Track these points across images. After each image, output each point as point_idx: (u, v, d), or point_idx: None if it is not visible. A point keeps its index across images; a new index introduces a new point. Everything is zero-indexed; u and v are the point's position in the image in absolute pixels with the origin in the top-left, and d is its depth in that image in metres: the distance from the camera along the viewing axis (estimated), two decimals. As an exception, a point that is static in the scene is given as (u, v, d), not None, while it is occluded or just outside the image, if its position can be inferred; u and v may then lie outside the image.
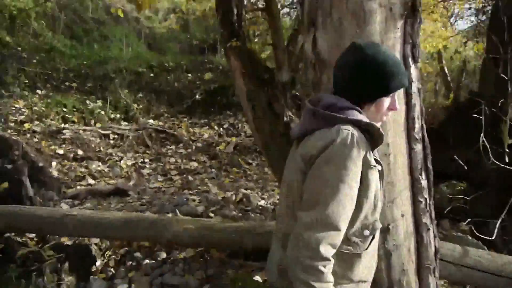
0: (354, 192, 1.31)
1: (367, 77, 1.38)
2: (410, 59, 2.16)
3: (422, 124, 2.27)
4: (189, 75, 9.72)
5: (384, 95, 1.42)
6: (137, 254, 3.79)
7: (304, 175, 1.37)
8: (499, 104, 4.50)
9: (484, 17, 6.23)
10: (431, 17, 8.07)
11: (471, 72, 6.70)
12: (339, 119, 1.35)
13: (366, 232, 1.41)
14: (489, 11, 5.43)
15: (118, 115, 8.55)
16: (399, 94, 2.15)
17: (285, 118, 4.01)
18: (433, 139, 6.93)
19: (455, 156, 4.45)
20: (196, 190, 5.72)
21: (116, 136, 7.73)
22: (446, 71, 8.11)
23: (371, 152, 1.37)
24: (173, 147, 7.91)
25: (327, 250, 1.27)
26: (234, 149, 7.99)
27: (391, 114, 2.14)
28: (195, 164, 7.30)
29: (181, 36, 13.66)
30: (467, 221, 4.01)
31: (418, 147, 2.24)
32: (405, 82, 1.44)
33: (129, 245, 3.97)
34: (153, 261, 3.64)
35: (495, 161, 3.45)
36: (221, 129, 8.72)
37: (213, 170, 7.05)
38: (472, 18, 7.94)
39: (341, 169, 1.28)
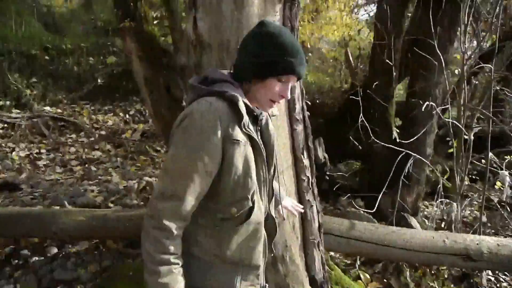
0: (207, 165, 1.23)
1: (258, 49, 1.31)
2: (288, 42, 2.21)
3: (302, 105, 2.36)
4: (91, 58, 9.10)
5: (272, 74, 1.32)
6: (25, 252, 3.49)
7: None
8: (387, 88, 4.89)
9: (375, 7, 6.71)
10: (336, 6, 8.47)
11: (366, 58, 7.18)
12: (205, 90, 1.31)
13: (234, 210, 1.33)
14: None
15: (8, 102, 7.73)
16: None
17: (184, 103, 3.94)
18: (334, 122, 7.33)
19: (350, 137, 4.77)
20: (97, 180, 5.42)
21: (6, 126, 6.99)
22: (351, 58, 8.61)
23: (237, 126, 1.28)
24: (73, 135, 7.38)
25: (171, 222, 1.23)
26: (141, 136, 7.69)
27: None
28: (98, 153, 6.89)
29: (85, 16, 12.69)
30: (346, 196, 4.30)
31: (299, 127, 2.33)
32: (298, 71, 1.33)
33: (17, 242, 3.64)
34: (42, 258, 3.38)
35: (377, 140, 3.72)
36: (127, 115, 8.32)
37: (118, 159, 6.72)
38: (368, 8, 8.49)
39: (193, 141, 1.22)
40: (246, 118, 1.30)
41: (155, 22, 4.92)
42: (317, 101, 7.06)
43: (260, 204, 1.40)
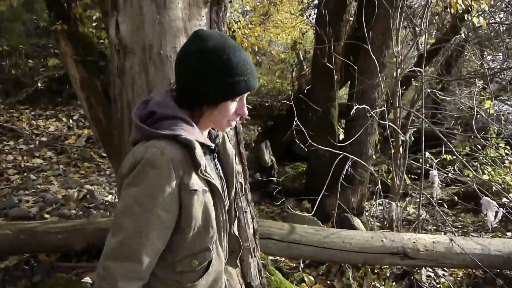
0: (163, 219, 1.10)
1: (202, 74, 1.13)
2: (216, 47, 2.17)
3: (233, 111, 2.32)
4: (30, 60, 8.61)
5: (226, 99, 1.17)
6: None
7: None
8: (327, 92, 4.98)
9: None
10: (287, 8, 8.56)
11: (310, 61, 7.32)
12: (154, 133, 1.12)
13: (195, 263, 1.21)
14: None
15: None
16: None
17: (122, 108, 3.81)
18: (282, 124, 7.38)
19: (296, 140, 4.81)
20: (34, 190, 5.12)
21: None
22: (302, 60, 8.74)
23: (193, 172, 1.14)
24: (11, 142, 6.95)
25: (127, 285, 1.09)
26: (86, 142, 7.37)
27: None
28: (38, 161, 6.52)
29: (26, 16, 12.03)
30: (281, 200, 4.32)
31: (230, 133, 2.29)
32: (252, 85, 1.18)
33: None
34: (-34, 277, 3.13)
35: (313, 143, 3.77)
36: (71, 120, 7.93)
37: (61, 166, 6.40)
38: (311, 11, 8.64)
39: (144, 194, 1.08)
40: (203, 163, 1.15)
41: (93, 24, 4.72)
42: (266, 104, 7.09)
43: (220, 251, 1.29)
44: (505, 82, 7.21)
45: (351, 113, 3.65)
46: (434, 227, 4.89)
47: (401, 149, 3.84)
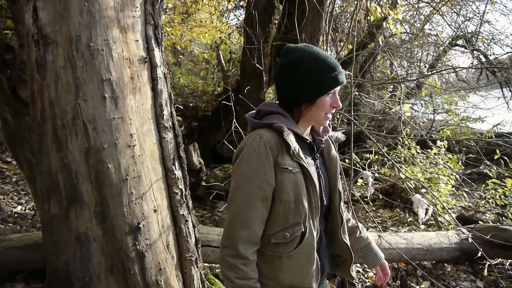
0: (265, 193, 1.33)
1: (298, 80, 1.38)
2: (153, 41, 1.99)
3: (171, 111, 2.15)
4: None
5: (320, 95, 1.38)
6: None
7: None
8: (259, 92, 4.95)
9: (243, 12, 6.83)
10: (206, 9, 8.40)
11: (237, 62, 7.27)
12: (256, 124, 1.41)
13: (287, 235, 1.37)
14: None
15: None
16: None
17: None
18: (208, 125, 7.20)
19: (224, 141, 4.69)
20: None
21: None
22: (223, 61, 8.64)
23: (286, 154, 1.34)
24: None
25: (245, 249, 1.33)
26: (-15, 147, 6.50)
27: (138, 102, 1.95)
28: None
29: None
30: (223, 202, 4.22)
31: (169, 135, 2.11)
32: (341, 79, 1.38)
33: None
34: None
35: (229, 146, 3.69)
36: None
37: (-47, 175, 5.56)
38: (237, 12, 8.63)
39: (249, 171, 1.33)
40: (295, 146, 1.35)
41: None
42: (190, 105, 6.88)
43: (312, 229, 1.41)
44: (413, 86, 7.87)
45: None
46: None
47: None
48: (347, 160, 4.52)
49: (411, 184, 4.86)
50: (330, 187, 1.52)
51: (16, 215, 4.26)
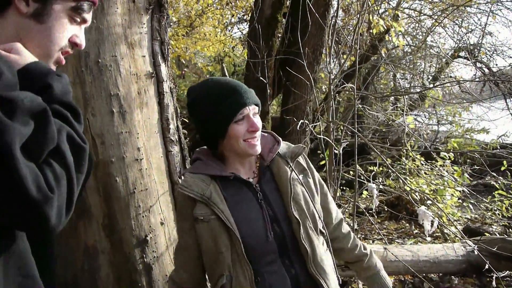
0: (186, 242, 1.38)
1: (200, 119, 1.35)
2: (159, 57, 2.04)
3: (177, 125, 2.18)
4: None
5: (226, 124, 1.30)
6: None
7: None
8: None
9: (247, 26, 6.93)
10: (210, 22, 8.53)
11: (241, 74, 7.36)
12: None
13: (220, 283, 1.32)
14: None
15: None
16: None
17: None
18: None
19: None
20: None
21: None
22: (226, 73, 8.74)
23: (202, 203, 1.32)
24: None
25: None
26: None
27: (145, 116, 1.98)
28: None
29: None
30: None
31: (175, 149, 2.14)
32: (241, 102, 1.29)
33: None
34: None
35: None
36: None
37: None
38: (241, 26, 8.77)
39: (177, 222, 1.53)
40: (205, 191, 1.32)
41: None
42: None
43: (241, 279, 1.30)
44: (416, 97, 7.91)
45: (290, 127, 3.67)
46: (363, 235, 5.10)
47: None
48: (351, 172, 4.53)
49: (417, 196, 4.85)
50: (288, 215, 1.35)
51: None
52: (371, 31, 4.83)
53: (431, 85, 7.62)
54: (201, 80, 10.19)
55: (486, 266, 3.22)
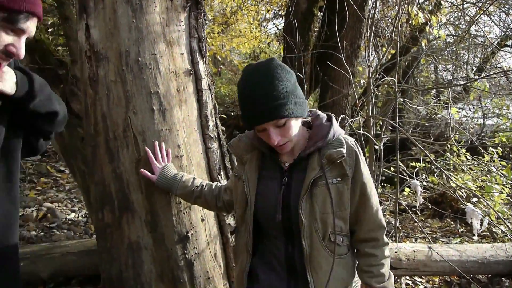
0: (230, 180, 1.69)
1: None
2: (197, 54, 2.03)
3: (216, 122, 2.18)
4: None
5: (249, 128, 1.45)
6: None
7: None
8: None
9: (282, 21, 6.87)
10: (245, 19, 8.55)
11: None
12: None
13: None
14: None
15: None
16: (190, 94, 2.01)
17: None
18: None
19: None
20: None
21: None
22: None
23: (240, 162, 1.53)
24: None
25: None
26: (42, 155, 6.87)
27: (185, 113, 1.99)
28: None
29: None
30: None
31: (214, 145, 2.14)
32: (253, 120, 1.31)
33: None
34: None
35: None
36: (22, 135, 7.41)
37: (12, 184, 5.90)
38: (276, 21, 8.70)
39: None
40: (245, 156, 1.50)
41: (49, 30, 4.40)
42: (232, 113, 6.97)
43: (244, 234, 1.52)
44: (459, 90, 7.56)
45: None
46: (405, 233, 4.94)
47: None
48: (392, 168, 4.39)
49: (462, 193, 4.64)
50: (297, 208, 1.38)
51: (70, 222, 4.46)
52: (410, 22, 4.65)
53: (476, 77, 7.26)
54: (237, 76, 10.25)
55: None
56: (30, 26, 1.04)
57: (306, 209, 1.36)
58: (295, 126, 1.34)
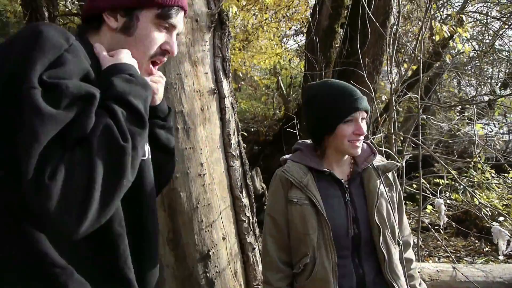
0: (278, 221, 1.48)
1: (315, 112, 1.48)
2: (221, 73, 2.07)
3: (238, 140, 2.20)
4: None
5: (337, 123, 1.43)
6: None
7: None
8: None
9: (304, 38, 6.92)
10: (265, 35, 8.63)
11: (298, 86, 7.32)
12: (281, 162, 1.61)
13: (299, 266, 1.45)
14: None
15: None
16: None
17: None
18: (269, 150, 7.26)
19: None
20: None
21: None
22: (282, 86, 8.77)
23: (295, 187, 1.45)
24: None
25: (270, 275, 1.48)
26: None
27: (208, 132, 2.02)
28: None
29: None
30: None
31: (236, 164, 2.16)
32: (356, 105, 1.41)
33: None
34: None
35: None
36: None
37: None
38: (297, 38, 8.76)
39: (268, 205, 1.55)
40: (300, 180, 1.45)
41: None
42: (252, 129, 7.00)
43: (324, 262, 1.41)
44: (483, 105, 7.40)
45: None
46: (427, 252, 4.83)
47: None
48: (414, 186, 4.31)
49: (487, 211, 4.51)
50: (368, 220, 1.47)
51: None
52: (433, 37, 4.61)
53: (501, 92, 7.11)
54: (257, 92, 10.33)
55: None
56: (180, 21, 1.04)
57: (378, 218, 1.45)
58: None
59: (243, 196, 2.17)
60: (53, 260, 0.83)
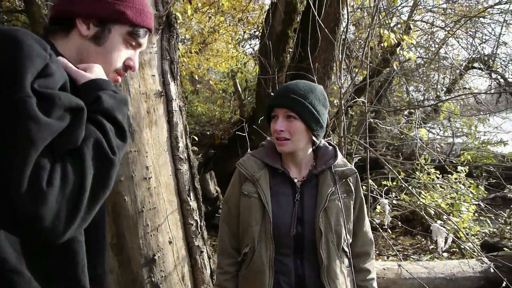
0: (232, 211, 1.57)
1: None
2: (168, 76, 2.06)
3: (187, 143, 2.19)
4: None
5: (268, 122, 1.50)
6: None
7: None
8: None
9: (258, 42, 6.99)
10: (223, 38, 8.62)
11: (253, 90, 7.39)
12: None
13: (243, 250, 1.52)
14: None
15: None
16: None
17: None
18: (224, 153, 7.25)
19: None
20: None
21: None
22: (240, 89, 8.79)
23: (251, 182, 1.50)
24: None
25: (221, 259, 1.58)
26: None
27: (154, 135, 2.00)
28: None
29: None
30: None
31: (184, 167, 2.15)
32: (273, 102, 1.47)
33: None
34: None
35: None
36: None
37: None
38: (252, 42, 8.84)
39: (226, 194, 1.63)
40: (252, 174, 1.50)
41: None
42: (208, 133, 6.97)
43: (262, 255, 1.46)
44: (430, 110, 7.81)
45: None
46: (377, 251, 5.00)
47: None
48: (364, 187, 4.44)
49: (432, 210, 4.75)
50: (314, 223, 1.46)
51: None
52: (382, 44, 4.81)
53: (446, 97, 7.53)
54: (214, 96, 10.30)
55: (504, 284, 3.11)
56: (146, 41, 1.11)
57: (322, 221, 1.46)
58: (301, 132, 1.45)
59: (191, 199, 2.17)
60: (12, 266, 0.83)
